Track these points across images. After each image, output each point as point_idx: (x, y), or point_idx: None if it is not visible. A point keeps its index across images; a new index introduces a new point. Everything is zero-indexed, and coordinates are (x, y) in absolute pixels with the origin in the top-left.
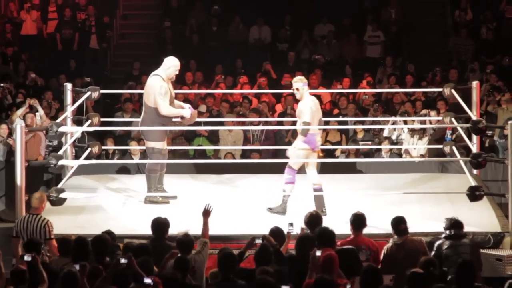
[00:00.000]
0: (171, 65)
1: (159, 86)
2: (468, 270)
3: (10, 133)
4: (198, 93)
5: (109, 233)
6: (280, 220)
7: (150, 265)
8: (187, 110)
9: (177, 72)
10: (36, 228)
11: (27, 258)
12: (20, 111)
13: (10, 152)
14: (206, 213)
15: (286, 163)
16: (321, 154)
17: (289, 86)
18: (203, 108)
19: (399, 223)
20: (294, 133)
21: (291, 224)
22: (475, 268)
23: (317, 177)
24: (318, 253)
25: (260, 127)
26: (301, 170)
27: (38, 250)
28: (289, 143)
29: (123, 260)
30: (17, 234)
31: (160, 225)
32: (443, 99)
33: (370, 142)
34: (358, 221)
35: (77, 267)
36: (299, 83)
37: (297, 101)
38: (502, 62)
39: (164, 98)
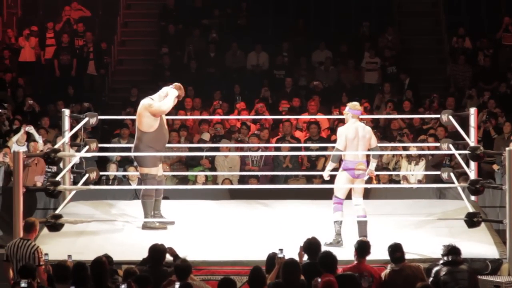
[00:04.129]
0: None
1: (146, 102)
2: None
3: None
4: (196, 119)
5: (106, 257)
6: (278, 245)
7: None
8: (172, 91)
9: (174, 102)
10: (26, 253)
11: (23, 284)
12: (16, 137)
13: (8, 176)
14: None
15: (283, 188)
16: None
17: (286, 112)
18: (206, 136)
19: (394, 251)
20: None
21: (281, 250)
22: None
23: (362, 206)
24: (320, 280)
25: (259, 153)
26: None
27: (34, 276)
28: (287, 169)
29: (123, 286)
30: (8, 258)
31: (157, 251)
32: (442, 125)
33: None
34: (363, 248)
35: None
36: (346, 108)
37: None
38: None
39: (154, 103)
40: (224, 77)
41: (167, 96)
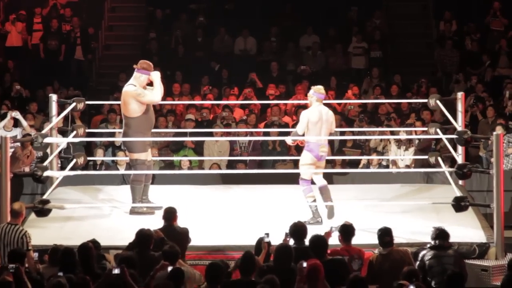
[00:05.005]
0: (141, 72)
1: (133, 90)
2: (457, 282)
3: None
4: (185, 104)
5: (93, 242)
6: (264, 230)
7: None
8: (155, 76)
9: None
10: (14, 238)
11: (11, 269)
12: (3, 123)
13: None
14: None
15: (271, 173)
16: None
17: (273, 96)
18: (191, 117)
19: (384, 235)
20: None
21: (267, 235)
22: (465, 280)
23: (322, 180)
24: (305, 264)
25: (248, 138)
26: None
27: (22, 260)
28: (275, 152)
29: (116, 271)
30: None
31: (144, 236)
32: (428, 109)
33: (359, 151)
34: (347, 231)
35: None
36: (311, 91)
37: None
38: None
39: (145, 93)
40: (211, 62)
41: (154, 83)
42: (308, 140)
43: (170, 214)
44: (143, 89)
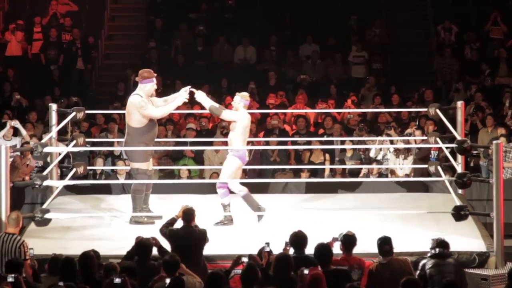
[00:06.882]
0: (145, 82)
1: (137, 101)
2: None
3: None
4: (184, 113)
5: (93, 251)
6: (265, 239)
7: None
8: (180, 98)
9: (155, 87)
10: (11, 248)
11: (10, 279)
12: (2, 132)
13: None
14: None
15: (270, 183)
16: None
17: (273, 106)
18: (192, 126)
19: (383, 244)
20: None
21: (267, 244)
22: None
23: (240, 186)
24: (306, 271)
25: (249, 147)
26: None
27: (19, 270)
28: (274, 163)
29: (117, 280)
30: None
31: (144, 246)
32: (431, 119)
33: (359, 161)
34: (349, 241)
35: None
36: (237, 97)
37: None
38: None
39: (147, 107)
40: (211, 71)
41: (168, 102)
42: (235, 146)
43: (188, 215)
44: (147, 100)
